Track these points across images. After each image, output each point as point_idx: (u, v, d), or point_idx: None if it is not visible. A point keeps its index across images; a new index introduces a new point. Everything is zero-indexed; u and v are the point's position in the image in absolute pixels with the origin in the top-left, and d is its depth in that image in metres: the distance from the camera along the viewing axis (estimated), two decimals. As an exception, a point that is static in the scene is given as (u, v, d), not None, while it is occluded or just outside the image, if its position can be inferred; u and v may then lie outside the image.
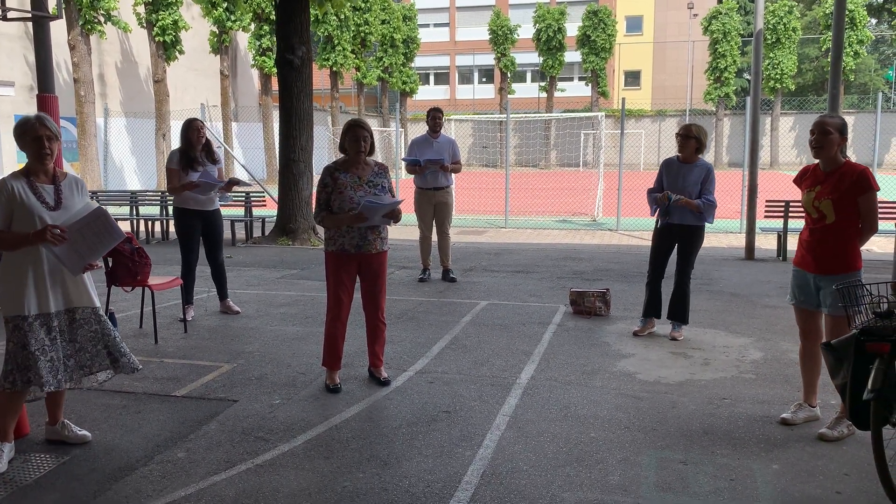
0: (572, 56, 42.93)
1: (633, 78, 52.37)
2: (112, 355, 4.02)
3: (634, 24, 52.17)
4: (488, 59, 47.41)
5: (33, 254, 3.76)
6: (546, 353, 5.86)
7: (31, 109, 17.92)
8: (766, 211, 10.91)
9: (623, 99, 14.95)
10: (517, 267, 10.00)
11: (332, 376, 5.01)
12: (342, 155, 4.97)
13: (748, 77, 46.44)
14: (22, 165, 3.92)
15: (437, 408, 4.63)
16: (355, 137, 4.81)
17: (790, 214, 10.63)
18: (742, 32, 40.06)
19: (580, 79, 47.16)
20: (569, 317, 7.08)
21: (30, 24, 14.82)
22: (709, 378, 5.24)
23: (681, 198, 5.93)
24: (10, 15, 11.55)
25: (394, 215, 4.83)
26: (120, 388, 4.99)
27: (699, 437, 4.17)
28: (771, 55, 37.86)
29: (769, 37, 37.72)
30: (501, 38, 42.24)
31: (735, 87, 41.02)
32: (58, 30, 13.92)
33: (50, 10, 9.38)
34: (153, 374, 5.31)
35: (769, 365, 5.54)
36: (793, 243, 10.87)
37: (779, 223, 10.88)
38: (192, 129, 6.70)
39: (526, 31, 42.61)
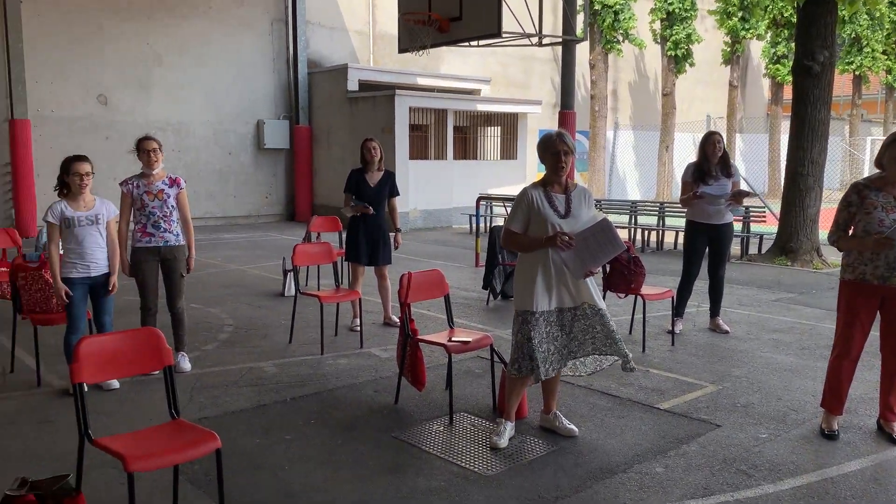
0: None
1: None
2: (611, 347, 4.21)
3: None
4: None
5: (543, 256, 4.13)
6: None
7: (552, 124, 20.08)
8: None
9: None
10: None
11: (829, 420, 4.44)
12: (878, 169, 4.32)
13: None
14: (540, 175, 4.34)
15: (971, 486, 3.74)
16: (893, 157, 4.15)
17: None
18: None
19: None
20: None
21: (559, 48, 16.60)
22: None
23: None
24: (545, 41, 13.04)
25: None
26: (607, 391, 5.21)
27: None
28: None
29: None
30: None
31: None
32: (580, 51, 15.27)
33: (577, 34, 10.29)
34: (638, 382, 5.42)
35: None
36: None
37: None
38: (708, 142, 6.69)
39: None
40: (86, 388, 3.19)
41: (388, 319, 7.19)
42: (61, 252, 4.98)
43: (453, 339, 4.87)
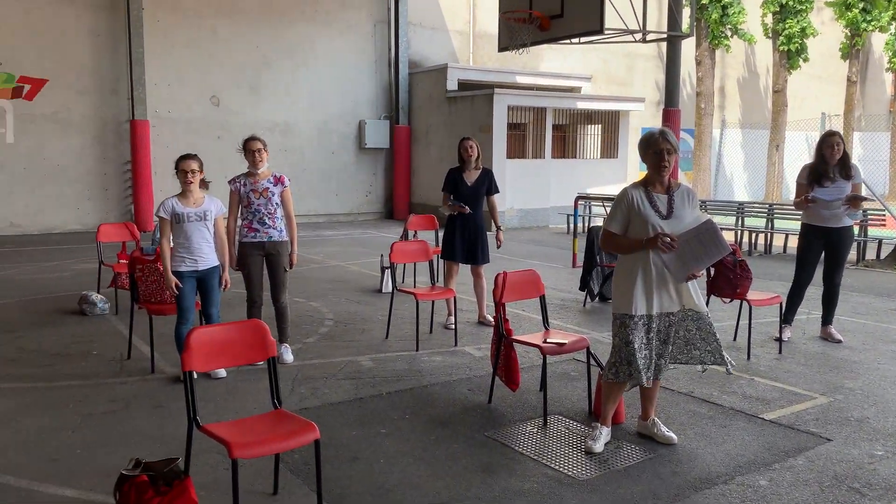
0: None
1: None
2: (689, 354, 4.11)
3: None
4: None
5: (643, 259, 4.02)
6: None
7: (655, 122, 19.59)
8: None
9: None
10: None
11: (955, 439, 4.14)
12: None
13: None
14: (641, 175, 4.23)
15: None
16: None
17: None
18: None
19: None
20: None
21: (663, 44, 16.17)
22: None
23: None
24: (649, 37, 12.74)
25: None
26: (708, 398, 5.03)
27: None
28: None
29: None
30: None
31: None
32: (685, 47, 14.81)
33: (683, 30, 9.99)
34: (742, 391, 5.20)
35: None
36: None
37: None
38: (826, 144, 6.34)
39: None
40: (195, 376, 3.34)
41: (483, 318, 7.20)
42: (172, 246, 5.24)
43: (548, 340, 4.82)
